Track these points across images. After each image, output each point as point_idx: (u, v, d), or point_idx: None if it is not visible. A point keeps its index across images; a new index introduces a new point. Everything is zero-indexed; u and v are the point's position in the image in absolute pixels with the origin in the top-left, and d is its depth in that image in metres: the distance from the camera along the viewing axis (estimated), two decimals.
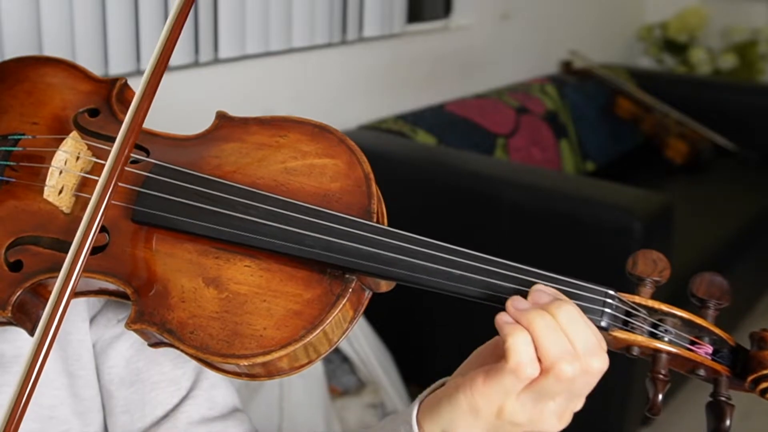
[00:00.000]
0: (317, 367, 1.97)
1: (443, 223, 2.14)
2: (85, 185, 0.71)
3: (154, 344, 0.69)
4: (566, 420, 0.63)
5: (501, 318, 0.61)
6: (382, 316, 2.14)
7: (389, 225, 0.67)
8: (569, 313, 0.60)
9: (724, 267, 2.50)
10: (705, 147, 3.21)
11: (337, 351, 2.14)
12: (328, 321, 0.64)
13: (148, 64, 0.68)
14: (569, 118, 3.03)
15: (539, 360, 0.59)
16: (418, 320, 2.22)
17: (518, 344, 0.59)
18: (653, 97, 3.29)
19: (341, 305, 0.64)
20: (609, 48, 3.72)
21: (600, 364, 0.60)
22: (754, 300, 2.91)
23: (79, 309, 0.77)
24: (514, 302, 0.62)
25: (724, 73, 3.66)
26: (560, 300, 0.61)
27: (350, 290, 0.65)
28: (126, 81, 0.78)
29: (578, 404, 0.64)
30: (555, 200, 2.02)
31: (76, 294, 0.70)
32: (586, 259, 1.94)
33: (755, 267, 2.81)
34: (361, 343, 2.11)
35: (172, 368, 0.78)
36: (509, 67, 3.14)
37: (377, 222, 0.67)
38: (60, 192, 0.70)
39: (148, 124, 0.69)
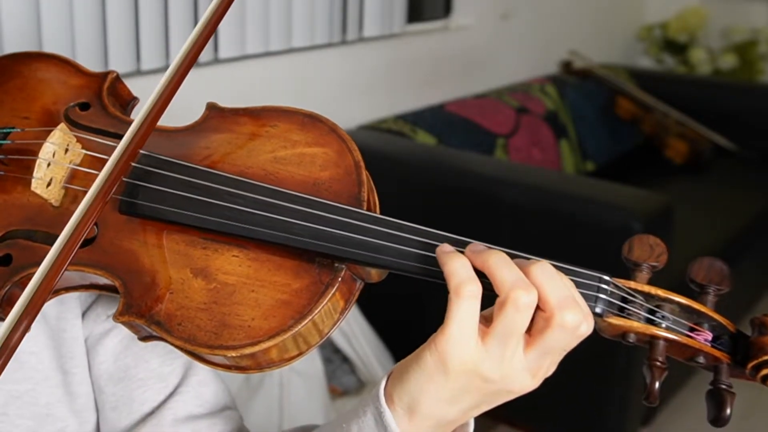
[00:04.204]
0: (317, 367, 1.97)
1: (443, 223, 2.13)
2: (74, 177, 0.71)
3: (144, 338, 0.68)
4: (540, 378, 0.62)
5: (438, 250, 0.61)
6: (382, 315, 2.14)
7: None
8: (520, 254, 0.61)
9: None
10: (705, 147, 3.21)
11: (337, 351, 2.14)
12: (317, 311, 0.63)
13: (173, 60, 0.68)
14: (569, 118, 3.03)
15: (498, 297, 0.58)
16: (419, 320, 2.22)
17: (454, 266, 0.59)
18: (653, 97, 3.29)
19: (330, 294, 0.64)
20: (609, 48, 3.72)
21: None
22: (755, 300, 2.91)
23: (72, 306, 0.77)
24: (470, 246, 0.62)
25: (724, 73, 3.66)
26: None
27: (340, 279, 0.64)
28: (117, 74, 0.78)
29: (551, 359, 0.62)
30: (555, 200, 2.02)
31: (67, 289, 0.70)
32: (585, 259, 1.93)
33: (755, 267, 2.80)
34: (361, 343, 2.11)
35: (160, 365, 0.78)
36: (509, 67, 3.14)
37: (368, 210, 0.67)
38: (48, 184, 0.70)
39: None
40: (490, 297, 0.61)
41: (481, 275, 0.60)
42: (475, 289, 0.59)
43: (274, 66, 2.22)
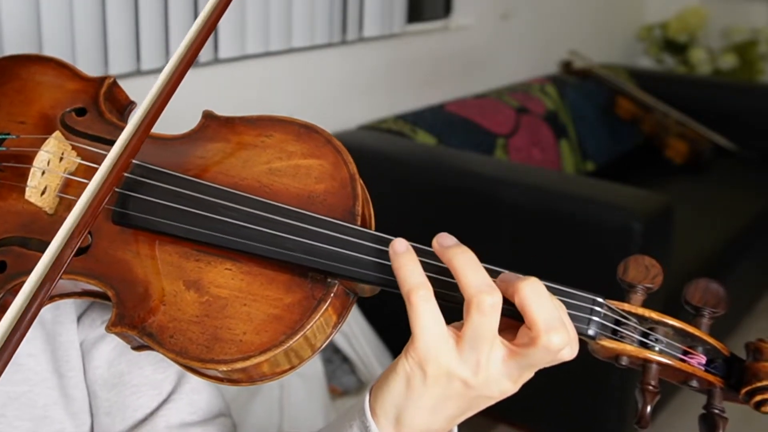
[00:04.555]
0: (317, 368, 1.97)
1: (443, 223, 2.14)
2: (69, 186, 0.70)
3: (137, 348, 0.68)
4: (520, 383, 0.61)
5: (391, 250, 0.60)
6: (382, 316, 2.14)
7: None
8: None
9: (724, 267, 2.50)
10: (705, 147, 3.21)
11: (337, 351, 2.14)
12: (308, 326, 0.62)
13: (165, 68, 0.67)
14: (569, 118, 3.03)
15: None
16: None
17: (403, 274, 0.58)
18: (653, 97, 3.29)
19: (322, 310, 0.63)
20: (609, 48, 3.72)
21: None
22: (755, 300, 2.91)
23: (68, 310, 0.77)
24: (439, 239, 0.61)
25: (724, 73, 3.66)
26: None
27: (332, 295, 0.63)
28: (115, 79, 0.77)
29: (532, 370, 0.60)
30: (555, 200, 2.02)
31: (61, 296, 0.70)
32: (585, 259, 1.93)
33: (755, 267, 2.81)
34: (361, 343, 2.11)
35: (154, 372, 0.77)
36: (509, 67, 3.14)
37: (363, 224, 0.66)
38: (43, 193, 0.69)
39: None
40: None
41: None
42: (424, 292, 0.58)
43: (274, 66, 2.22)
